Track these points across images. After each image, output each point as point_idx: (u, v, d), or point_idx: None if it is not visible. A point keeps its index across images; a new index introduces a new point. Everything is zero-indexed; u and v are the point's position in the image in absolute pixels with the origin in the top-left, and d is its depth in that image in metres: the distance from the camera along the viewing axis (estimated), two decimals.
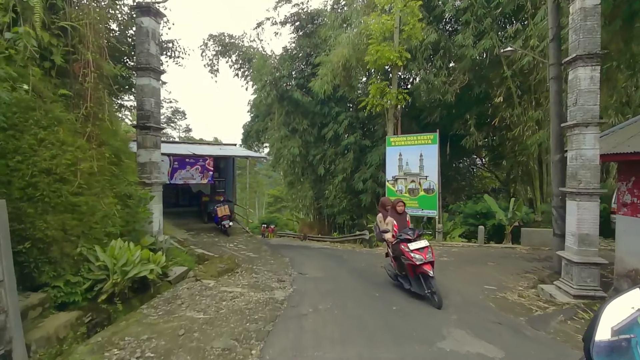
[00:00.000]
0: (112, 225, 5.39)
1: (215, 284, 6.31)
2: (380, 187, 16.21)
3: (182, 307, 5.15)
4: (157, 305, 5.21)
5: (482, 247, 11.62)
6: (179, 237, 10.64)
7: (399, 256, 5.92)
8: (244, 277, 7.25)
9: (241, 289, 6.10)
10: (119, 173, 5.96)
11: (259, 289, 6.19)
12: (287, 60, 17.47)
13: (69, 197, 4.72)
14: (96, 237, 5.09)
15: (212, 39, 20.41)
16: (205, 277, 6.67)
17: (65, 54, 5.27)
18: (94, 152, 5.18)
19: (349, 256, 10.94)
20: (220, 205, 12.65)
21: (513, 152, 14.83)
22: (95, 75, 5.32)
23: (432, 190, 12.42)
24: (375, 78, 12.80)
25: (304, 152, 17.95)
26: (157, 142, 7.10)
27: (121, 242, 5.32)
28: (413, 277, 5.78)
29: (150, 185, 6.86)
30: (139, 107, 6.88)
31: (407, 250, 5.58)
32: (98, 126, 5.36)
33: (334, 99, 17.11)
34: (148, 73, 6.82)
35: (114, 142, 5.83)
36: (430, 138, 12.43)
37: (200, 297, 5.60)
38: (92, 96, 5.22)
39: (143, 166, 6.90)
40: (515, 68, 12.09)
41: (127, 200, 5.99)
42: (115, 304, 4.92)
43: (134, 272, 5.07)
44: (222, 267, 7.43)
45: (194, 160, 12.23)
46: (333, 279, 7.42)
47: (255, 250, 11.04)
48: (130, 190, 6.01)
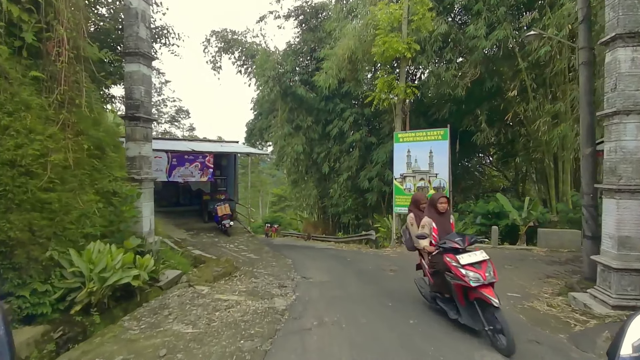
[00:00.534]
0: (92, 226, 4.70)
1: (210, 290, 5.60)
2: (387, 185, 15.47)
3: (169, 319, 4.45)
4: (141, 317, 4.51)
5: (496, 248, 10.83)
6: (176, 238, 9.97)
7: (441, 272, 4.21)
8: (242, 282, 6.54)
9: (238, 296, 5.39)
10: (102, 167, 5.28)
11: (258, 297, 5.48)
12: (290, 55, 16.76)
13: (37, 193, 4.04)
14: (71, 239, 4.41)
15: (214, 35, 19.78)
16: (199, 283, 5.97)
17: (38, 31, 4.60)
18: (69, 143, 4.50)
19: (355, 258, 10.21)
20: (221, 204, 11.96)
21: (526, 149, 14.01)
22: (72, 56, 4.64)
23: (442, 188, 11.64)
24: (382, 71, 12.03)
25: (308, 149, 17.24)
26: (148, 135, 6.42)
27: (101, 244, 4.63)
28: (464, 305, 4.05)
29: (140, 182, 6.17)
30: (128, 96, 6.19)
31: (455, 266, 3.89)
32: (74, 113, 4.67)
33: (339, 95, 16.38)
34: (137, 58, 6.14)
35: (95, 133, 5.14)
36: (441, 134, 11.66)
37: (191, 306, 4.90)
38: (67, 79, 4.53)
39: (132, 160, 6.22)
40: (531, 59, 11.27)
41: (111, 197, 5.31)
42: (92, 315, 4.24)
43: (114, 279, 4.37)
44: (218, 270, 6.73)
45: (193, 157, 11.55)
46: (340, 283, 6.69)
47: (257, 251, 10.34)
48: (116, 186, 5.33)
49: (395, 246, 12.64)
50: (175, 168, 11.22)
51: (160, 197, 15.09)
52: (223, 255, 9.44)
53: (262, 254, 10.03)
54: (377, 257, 10.09)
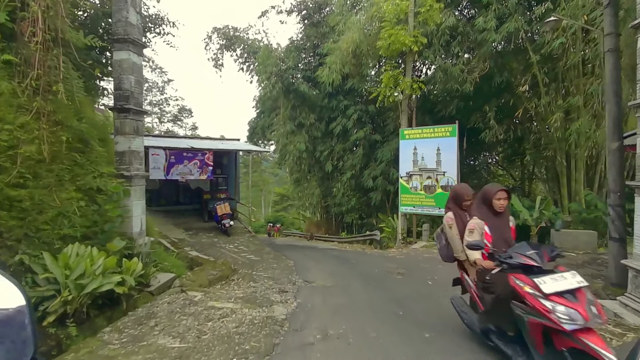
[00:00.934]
0: (71, 226, 4.20)
1: (203, 296, 5.08)
2: (392, 184, 14.91)
3: (154, 331, 3.93)
4: (125, 328, 4.00)
5: None
6: (173, 238, 9.47)
7: (502, 298, 2.86)
8: (239, 286, 6.02)
9: (233, 303, 4.86)
10: (85, 162, 4.78)
11: (256, 304, 4.95)
12: (292, 51, 16.23)
13: (4, 190, 3.54)
14: (45, 242, 3.91)
15: (216, 32, 19.27)
16: (193, 288, 5.46)
17: (12, 10, 4.10)
18: (45, 134, 3.99)
19: (360, 259, 9.68)
20: (221, 203, 11.45)
21: (536, 147, 13.40)
22: (48, 38, 4.13)
23: (450, 187, 11.07)
24: (388, 65, 11.47)
25: (311, 148, 16.70)
26: (139, 128, 5.90)
27: (81, 247, 4.12)
28: (543, 353, 2.58)
29: (129, 178, 5.66)
30: (117, 86, 5.68)
31: (533, 294, 2.52)
32: (51, 102, 4.16)
33: (343, 92, 15.83)
34: (127, 46, 5.63)
35: (77, 124, 4.63)
36: (449, 130, 11.09)
37: (181, 315, 4.38)
38: (42, 63, 4.03)
39: (121, 156, 5.71)
40: (544, 52, 10.67)
41: (95, 195, 4.81)
42: (68, 327, 3.73)
43: (93, 286, 3.86)
44: (214, 274, 6.20)
45: (192, 155, 11.04)
46: (344, 289, 6.15)
47: (257, 252, 9.82)
48: (101, 183, 4.82)
49: (401, 247, 12.09)
50: (174, 166, 10.72)
51: (159, 196, 14.66)
52: (222, 256, 8.93)
53: (262, 255, 9.51)
54: (383, 259, 9.54)
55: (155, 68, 30.13)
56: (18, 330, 0.72)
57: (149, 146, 10.48)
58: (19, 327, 0.72)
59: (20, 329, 0.72)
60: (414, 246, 11.44)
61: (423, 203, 11.50)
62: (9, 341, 0.70)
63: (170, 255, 7.14)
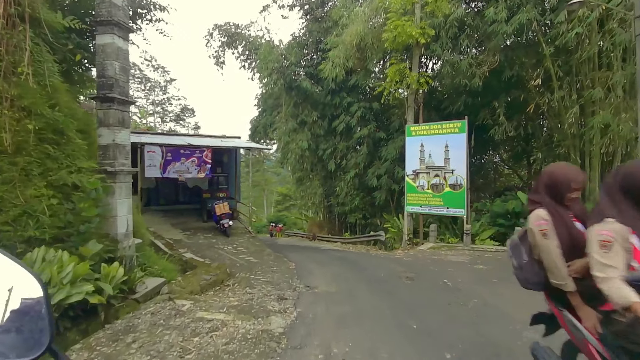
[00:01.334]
0: (38, 227, 3.63)
1: (192, 305, 4.50)
2: (397, 183, 14.31)
3: (131, 349, 3.36)
4: (97, 345, 3.43)
5: None
6: (167, 239, 8.92)
7: None
8: (235, 292, 5.44)
9: (225, 314, 4.28)
10: (59, 155, 4.22)
11: (251, 314, 4.37)
12: (295, 47, 15.65)
13: None
14: (6, 245, 3.34)
15: (217, 28, 18.76)
16: (182, 295, 4.88)
17: None
18: (8, 121, 3.43)
19: (365, 261, 9.08)
20: (219, 203, 10.88)
21: (548, 144, 12.74)
22: (15, 13, 3.57)
23: (459, 185, 10.46)
24: (394, 59, 10.85)
25: (314, 146, 16.11)
26: (125, 120, 5.34)
27: (49, 251, 3.56)
28: None
29: (113, 175, 5.10)
30: (100, 73, 5.12)
31: None
32: (16, 85, 3.60)
33: (346, 89, 15.24)
34: (111, 29, 5.07)
35: (50, 113, 4.06)
36: (458, 126, 10.47)
37: (165, 329, 3.80)
38: (5, 41, 3.48)
39: (105, 150, 5.15)
40: (558, 44, 10.02)
41: (72, 192, 4.25)
42: None
43: (60, 297, 3.29)
44: (208, 279, 5.63)
45: (189, 152, 10.49)
46: (350, 295, 5.56)
47: (257, 254, 9.25)
48: (77, 179, 4.26)
49: (407, 248, 11.47)
50: (170, 163, 10.17)
51: (158, 195, 14.13)
52: (219, 258, 8.37)
53: (262, 257, 8.93)
54: (389, 261, 8.93)
55: (157, 67, 29.72)
56: (36, 319, 0.74)
57: (144, 143, 9.96)
58: (36, 317, 0.75)
59: (38, 319, 0.75)
60: (421, 247, 10.83)
61: (430, 202, 10.89)
62: (27, 330, 0.74)
63: (162, 258, 6.58)
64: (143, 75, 29.91)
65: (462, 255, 9.33)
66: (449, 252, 9.72)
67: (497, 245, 10.56)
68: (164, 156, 9.99)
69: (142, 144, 9.80)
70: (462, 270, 7.53)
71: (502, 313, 4.69)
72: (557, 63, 10.79)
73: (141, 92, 30.63)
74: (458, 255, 9.34)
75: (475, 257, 8.90)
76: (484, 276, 6.91)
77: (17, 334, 0.73)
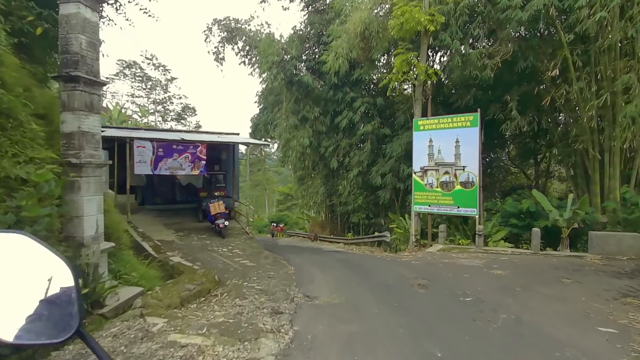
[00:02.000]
0: None
1: (166, 325, 3.64)
2: (402, 182, 13.43)
3: None
4: None
5: (539, 255, 8.72)
6: (156, 241, 8.09)
7: None
8: (222, 305, 4.58)
9: (204, 337, 3.42)
10: (2, 142, 3.39)
11: (236, 336, 3.51)
12: (295, 40, 14.79)
13: None
14: None
15: (216, 23, 17.95)
16: (156, 310, 4.03)
17: None
18: None
19: (371, 265, 8.21)
20: (214, 201, 10.04)
21: (563, 140, 11.81)
22: None
23: (471, 183, 9.58)
24: (401, 48, 9.95)
25: (315, 143, 15.25)
26: (93, 103, 4.49)
27: None
28: None
29: (79, 167, 4.26)
30: (63, 49, 4.29)
31: None
32: None
33: (349, 83, 14.39)
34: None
35: None
36: (470, 119, 9.59)
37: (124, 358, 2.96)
38: None
39: (69, 138, 4.31)
40: (579, 30, 9.12)
41: (18, 187, 3.42)
42: None
43: None
44: (191, 288, 4.78)
45: (182, 147, 9.66)
46: (356, 308, 4.69)
47: (254, 257, 8.40)
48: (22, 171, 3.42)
49: (415, 250, 10.60)
50: (162, 159, 9.35)
51: (154, 194, 13.34)
52: (212, 262, 7.54)
53: (259, 260, 8.08)
54: (397, 265, 8.06)
55: (158, 66, 28.97)
56: (67, 305, 0.78)
57: (133, 137, 9.13)
58: (67, 302, 0.78)
59: (69, 304, 0.78)
60: (430, 250, 9.94)
61: (439, 202, 10.01)
62: (58, 314, 0.78)
63: (145, 263, 5.75)
64: (144, 74, 29.17)
65: (475, 258, 8.45)
66: (460, 255, 8.84)
67: (511, 248, 9.66)
68: (155, 152, 9.17)
69: (131, 138, 8.99)
70: (479, 277, 6.66)
71: (541, 333, 3.82)
72: (576, 52, 9.88)
73: (142, 90, 29.89)
74: (471, 258, 8.45)
75: (490, 261, 8.02)
76: (506, 284, 6.03)
77: (50, 318, 0.77)
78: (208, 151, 13.21)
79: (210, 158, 13.73)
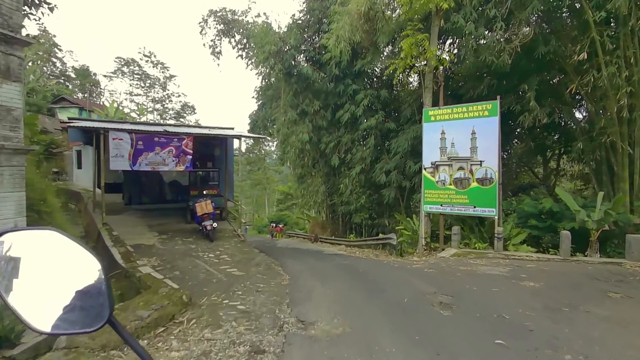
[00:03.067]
0: None
1: None
2: (407, 180, 12.15)
3: None
4: None
5: (569, 261, 7.43)
6: (129, 246, 6.82)
7: None
8: (183, 341, 3.30)
9: None
10: None
11: None
12: (294, 29, 13.51)
13: None
14: None
15: (212, 15, 16.69)
16: (83, 354, 2.75)
17: None
18: None
19: (378, 274, 6.91)
20: (202, 201, 8.75)
21: (585, 134, 10.50)
22: None
23: (489, 180, 8.28)
24: (410, 29, 8.63)
25: (315, 139, 13.98)
26: (10, 68, 3.23)
27: None
28: None
29: None
30: None
31: None
32: None
33: (351, 75, 13.11)
34: None
35: None
36: (488, 108, 8.30)
37: None
38: None
39: None
40: (610, 7, 7.82)
41: None
42: None
43: None
44: (144, 316, 3.48)
45: (165, 140, 8.38)
46: (367, 344, 3.40)
47: (243, 264, 7.13)
48: None
49: (425, 254, 9.31)
50: (142, 153, 8.08)
51: (141, 193, 12.08)
52: (193, 271, 6.27)
53: (249, 268, 6.81)
54: (408, 273, 6.77)
55: (157, 63, 27.74)
56: (97, 296, 0.80)
57: (108, 128, 7.87)
58: (98, 294, 0.80)
59: (99, 295, 0.80)
60: (442, 254, 8.65)
61: (453, 201, 8.71)
62: (90, 305, 0.80)
63: None
64: (142, 72, 27.95)
65: (497, 265, 7.16)
66: (479, 262, 7.55)
67: (536, 253, 8.35)
68: (133, 144, 7.90)
69: (106, 129, 7.73)
70: (511, 291, 5.38)
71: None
72: (606, 33, 8.58)
73: (141, 89, 28.68)
74: (492, 265, 7.16)
75: (515, 269, 6.73)
76: (547, 302, 4.74)
77: (83, 308, 0.79)
78: (200, 147, 11.94)
79: (202, 154, 12.48)
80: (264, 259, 7.90)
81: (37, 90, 23.65)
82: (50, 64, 27.63)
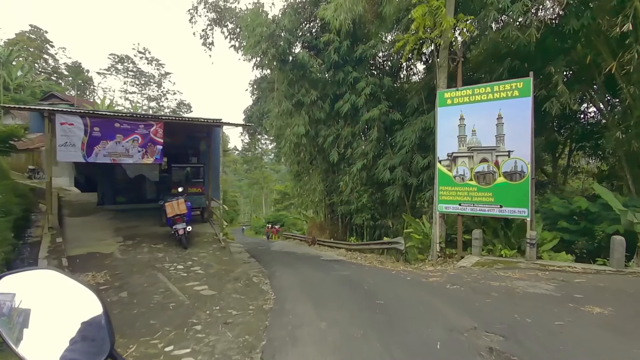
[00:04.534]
0: None
1: None
2: (414, 176, 10.51)
3: None
4: None
5: (624, 274, 5.76)
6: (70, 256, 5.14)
7: None
8: None
9: None
10: None
11: None
12: (289, 11, 11.86)
13: None
14: None
15: (202, 2, 15.11)
16: None
17: None
18: None
19: (389, 293, 5.21)
20: (172, 200, 7.06)
21: (620, 124, 8.84)
22: None
23: (519, 174, 6.61)
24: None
25: (312, 132, 12.34)
26: None
27: None
28: None
29: None
30: None
31: None
32: None
33: (351, 61, 11.48)
34: None
35: None
36: (519, 87, 6.64)
37: None
38: None
39: None
40: None
41: None
42: None
43: None
44: None
45: (129, 126, 6.70)
46: None
47: (218, 279, 5.45)
48: None
49: (439, 262, 7.64)
50: (99, 142, 6.41)
51: (115, 191, 10.40)
52: (148, 291, 4.60)
53: (224, 285, 5.14)
54: (427, 291, 5.11)
55: (151, 60, 26.08)
56: (98, 330, 0.80)
57: (55, 111, 6.20)
58: (99, 328, 0.80)
59: (100, 329, 0.80)
60: (462, 263, 6.98)
61: (474, 199, 7.05)
62: (90, 339, 0.79)
63: None
64: (137, 69, 26.28)
65: (535, 279, 5.49)
66: (511, 274, 5.88)
67: (579, 263, 6.67)
68: (88, 131, 6.23)
69: (53, 111, 6.07)
70: (577, 323, 3.72)
71: None
72: None
73: (136, 86, 27.01)
74: (530, 280, 5.48)
75: (562, 286, 5.07)
76: (636, 341, 3.08)
77: (84, 343, 0.79)
78: (184, 140, 10.32)
79: (186, 148, 10.83)
80: (246, 270, 6.23)
81: (26, 86, 22.02)
82: (42, 60, 25.97)
